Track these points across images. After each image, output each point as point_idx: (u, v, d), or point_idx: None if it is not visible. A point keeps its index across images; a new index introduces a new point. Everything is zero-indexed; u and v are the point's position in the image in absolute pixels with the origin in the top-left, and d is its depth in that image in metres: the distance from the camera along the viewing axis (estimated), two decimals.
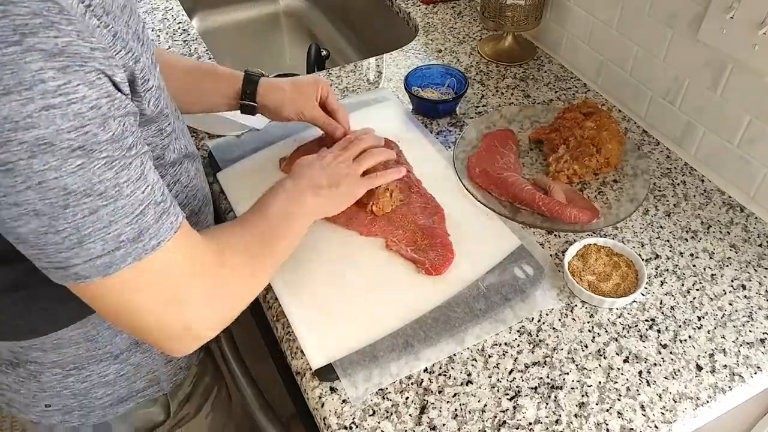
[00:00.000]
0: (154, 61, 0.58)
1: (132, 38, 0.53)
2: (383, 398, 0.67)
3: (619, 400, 0.67)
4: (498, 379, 0.68)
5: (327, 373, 0.68)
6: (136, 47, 0.53)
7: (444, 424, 0.65)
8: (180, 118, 0.71)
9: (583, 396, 0.67)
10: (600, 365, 0.70)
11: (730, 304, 0.76)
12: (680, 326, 0.74)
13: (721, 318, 0.75)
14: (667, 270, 0.80)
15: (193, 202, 0.71)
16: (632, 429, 0.65)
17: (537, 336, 0.73)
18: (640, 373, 0.69)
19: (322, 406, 0.66)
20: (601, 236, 0.83)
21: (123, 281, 0.50)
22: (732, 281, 0.79)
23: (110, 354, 0.68)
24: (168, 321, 0.54)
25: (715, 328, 0.74)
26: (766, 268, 0.81)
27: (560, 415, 0.65)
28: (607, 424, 0.65)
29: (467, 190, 0.88)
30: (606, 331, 0.73)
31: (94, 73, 0.44)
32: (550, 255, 0.81)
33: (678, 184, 0.92)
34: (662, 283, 0.79)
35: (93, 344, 0.66)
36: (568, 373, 0.69)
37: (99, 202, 0.46)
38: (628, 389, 0.68)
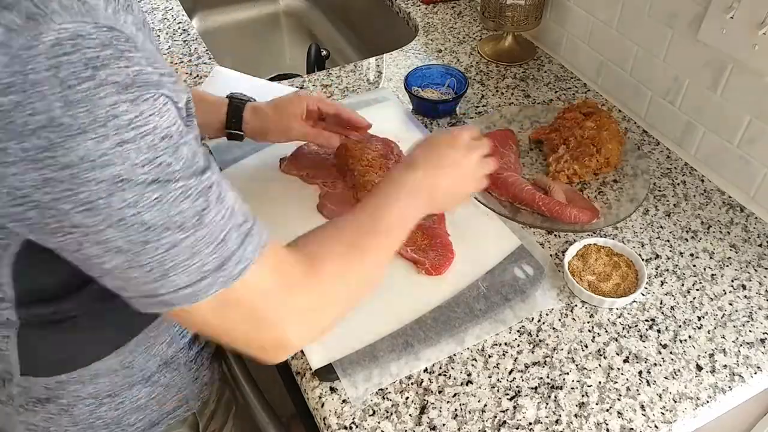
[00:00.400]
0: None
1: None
2: (383, 398, 0.67)
3: (619, 400, 0.67)
4: (498, 379, 0.68)
5: (327, 373, 0.68)
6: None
7: (444, 424, 0.65)
8: None
9: (583, 396, 0.67)
10: (600, 365, 0.70)
11: (730, 304, 0.76)
12: (680, 326, 0.74)
13: (721, 318, 0.75)
14: (667, 270, 0.80)
15: None
16: (632, 429, 0.65)
17: (537, 336, 0.73)
18: (640, 373, 0.69)
19: (322, 406, 0.66)
20: (601, 236, 0.83)
21: (211, 307, 0.49)
22: (732, 281, 0.79)
23: (142, 377, 0.67)
24: (259, 339, 0.53)
25: (715, 328, 0.74)
26: (766, 268, 0.81)
27: (560, 415, 0.65)
28: (607, 424, 0.65)
29: None
30: (606, 331, 0.73)
31: (161, 100, 0.43)
32: (550, 255, 0.81)
33: (678, 184, 0.92)
34: (662, 283, 0.79)
35: (129, 370, 0.66)
36: (568, 373, 0.69)
37: (179, 235, 0.45)
38: (628, 389, 0.68)
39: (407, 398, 0.67)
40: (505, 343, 0.72)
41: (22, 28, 0.37)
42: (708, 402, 0.67)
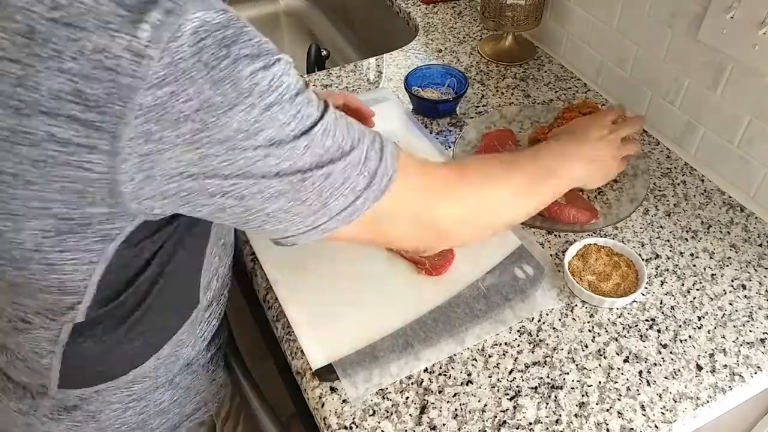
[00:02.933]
0: None
1: None
2: (383, 398, 0.67)
3: (619, 399, 0.67)
4: (498, 379, 0.68)
5: (327, 373, 0.68)
6: None
7: (444, 424, 0.65)
8: None
9: (583, 396, 0.67)
10: (600, 365, 0.70)
11: (731, 304, 0.76)
12: (680, 326, 0.74)
13: (721, 318, 0.75)
14: (667, 270, 0.80)
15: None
16: (632, 429, 0.65)
17: (537, 336, 0.73)
18: (640, 373, 0.69)
19: (322, 406, 0.66)
20: (601, 236, 0.83)
21: (368, 221, 0.53)
22: (732, 281, 0.79)
23: (166, 380, 0.68)
24: (423, 236, 0.59)
25: (715, 327, 0.74)
26: (766, 268, 0.81)
27: (560, 415, 0.66)
28: (607, 424, 0.65)
29: None
30: (606, 331, 0.73)
31: (284, 60, 0.46)
32: (550, 255, 0.81)
33: (678, 184, 0.92)
34: (662, 282, 0.79)
35: (156, 378, 0.66)
36: (568, 373, 0.69)
37: (331, 167, 0.49)
38: (628, 389, 0.68)
39: (407, 398, 0.67)
40: (505, 343, 0.72)
41: (164, 24, 0.39)
42: (708, 402, 0.67)
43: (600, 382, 0.68)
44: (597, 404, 0.66)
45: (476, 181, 0.63)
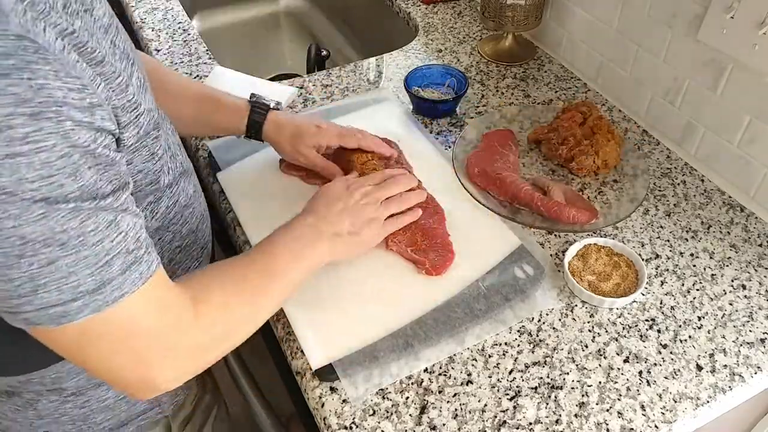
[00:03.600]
0: (145, 80, 0.56)
1: (120, 59, 0.51)
2: (383, 398, 0.67)
3: (619, 400, 0.67)
4: (498, 379, 0.68)
5: (327, 373, 0.68)
6: (126, 68, 0.51)
7: (444, 424, 0.65)
8: (174, 133, 0.69)
9: (583, 396, 0.67)
10: (600, 365, 0.70)
11: (731, 304, 0.76)
12: (680, 326, 0.74)
13: (721, 318, 0.75)
14: (667, 270, 0.80)
15: (191, 221, 0.71)
16: (632, 429, 0.65)
17: (537, 336, 0.73)
18: (640, 373, 0.69)
19: (322, 406, 0.66)
20: (601, 236, 0.83)
21: (79, 331, 0.46)
22: (732, 281, 0.79)
23: None
24: (125, 375, 0.51)
25: (715, 328, 0.74)
26: (766, 268, 0.81)
27: (560, 415, 0.65)
28: (607, 424, 0.65)
29: (467, 190, 0.88)
30: (606, 331, 0.73)
31: (68, 123, 0.42)
32: (550, 255, 0.81)
33: (678, 184, 0.92)
34: (662, 283, 0.79)
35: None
36: (568, 373, 0.69)
37: (59, 253, 0.43)
38: (628, 389, 0.68)
39: (407, 398, 0.67)
40: (506, 343, 0.72)
41: None
42: (708, 402, 0.67)
43: (600, 382, 0.68)
44: (597, 404, 0.66)
45: (210, 319, 0.55)
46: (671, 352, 0.71)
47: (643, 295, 0.77)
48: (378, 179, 0.78)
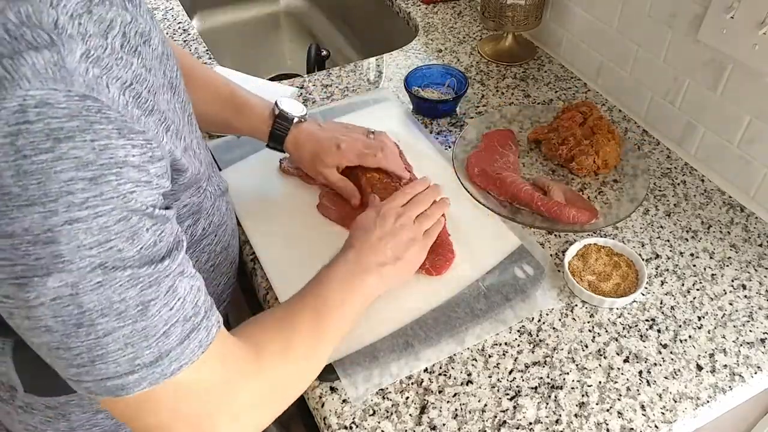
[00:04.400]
0: (190, 113, 0.55)
1: (173, 91, 0.50)
2: (383, 398, 0.67)
3: (619, 399, 0.67)
4: (498, 379, 0.68)
5: (327, 373, 0.68)
6: (171, 103, 0.50)
7: (444, 424, 0.65)
8: (207, 148, 0.68)
9: (583, 396, 0.67)
10: (600, 365, 0.70)
11: (731, 304, 0.76)
12: (680, 326, 0.74)
13: (722, 318, 0.75)
14: (668, 270, 0.80)
15: (223, 238, 0.70)
16: (632, 429, 0.65)
17: (537, 336, 0.73)
18: (641, 373, 0.69)
19: (322, 406, 0.66)
20: (601, 236, 0.83)
21: (137, 402, 0.45)
22: (732, 281, 0.79)
23: None
24: None
25: (715, 327, 0.74)
26: (766, 268, 0.81)
27: (560, 415, 0.65)
28: (607, 424, 0.65)
29: (467, 190, 0.88)
30: (606, 331, 0.73)
31: (128, 185, 0.41)
32: (550, 255, 0.82)
33: (678, 184, 0.92)
34: (662, 282, 0.79)
35: None
36: (568, 373, 0.69)
37: (116, 323, 0.42)
38: (628, 389, 0.68)
39: (407, 398, 0.67)
40: (506, 343, 0.72)
41: None
42: (708, 402, 0.67)
43: (600, 382, 0.68)
44: (597, 404, 0.66)
45: (272, 368, 0.54)
46: (671, 352, 0.71)
47: (643, 295, 0.77)
48: (406, 197, 0.76)
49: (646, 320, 0.75)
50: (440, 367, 0.69)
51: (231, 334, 0.53)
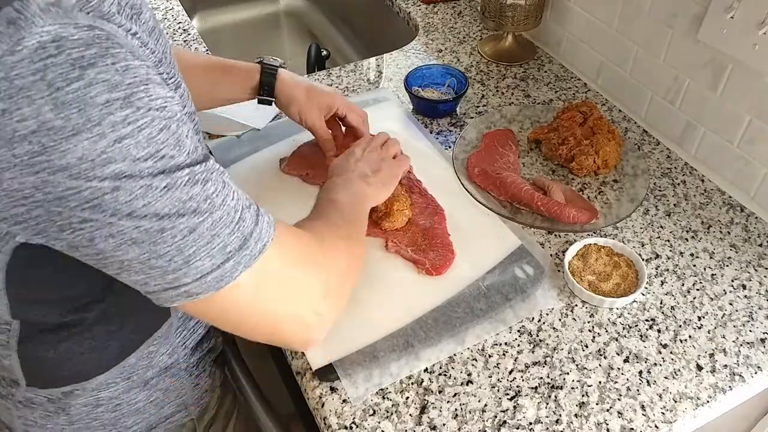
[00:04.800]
0: (181, 79, 0.57)
1: (167, 64, 0.52)
2: (383, 398, 0.67)
3: (619, 399, 0.67)
4: (498, 379, 0.68)
5: (327, 373, 0.68)
6: (170, 72, 0.52)
7: (444, 424, 0.65)
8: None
9: (583, 396, 0.67)
10: (600, 365, 0.70)
11: (731, 304, 0.76)
12: (680, 326, 0.74)
13: (722, 318, 0.75)
14: (668, 270, 0.80)
15: None
16: (632, 429, 0.65)
17: (537, 336, 0.73)
18: (641, 372, 0.69)
19: (323, 406, 0.66)
20: (601, 236, 0.83)
21: (239, 290, 0.49)
22: (732, 281, 0.79)
23: (141, 381, 0.67)
24: (297, 313, 0.54)
25: (715, 327, 0.74)
26: (766, 268, 0.81)
27: (560, 415, 0.66)
28: (607, 424, 0.65)
29: (466, 190, 0.88)
30: (606, 331, 0.73)
31: (159, 100, 0.43)
32: (551, 255, 0.81)
33: (678, 184, 0.92)
34: (662, 282, 0.79)
35: (128, 382, 0.66)
36: (568, 373, 0.69)
37: (195, 219, 0.45)
38: (628, 389, 0.68)
39: (407, 398, 0.67)
40: (506, 343, 0.72)
41: (3, 34, 0.37)
42: (708, 402, 0.67)
43: (600, 382, 0.68)
44: (597, 404, 0.66)
45: (333, 252, 0.60)
46: (671, 352, 0.71)
47: (643, 295, 0.77)
48: (370, 142, 0.83)
49: (646, 320, 0.75)
50: (440, 367, 0.69)
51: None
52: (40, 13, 0.38)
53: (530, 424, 0.65)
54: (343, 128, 0.92)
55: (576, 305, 0.76)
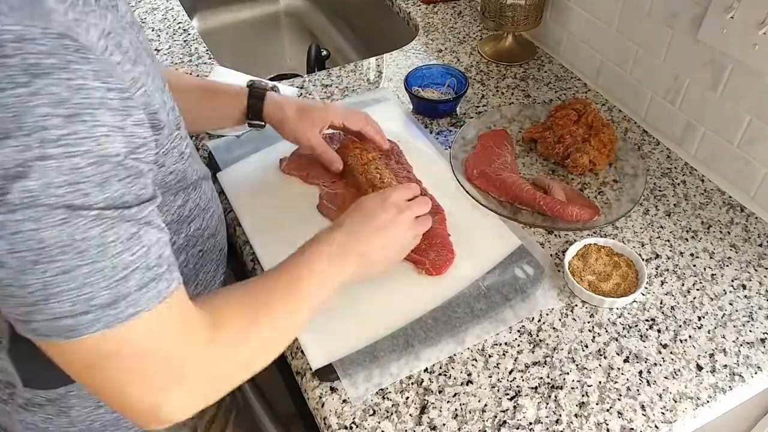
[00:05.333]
0: (163, 79, 0.56)
1: (148, 56, 0.51)
2: (383, 398, 0.67)
3: (619, 399, 0.67)
4: (498, 379, 0.68)
5: (327, 373, 0.68)
6: (151, 65, 0.51)
7: (444, 424, 0.65)
8: (188, 137, 0.69)
9: (583, 396, 0.67)
10: (600, 365, 0.70)
11: (731, 304, 0.76)
12: (680, 326, 0.74)
13: (722, 318, 0.75)
14: (668, 270, 0.80)
15: (210, 224, 0.71)
16: (632, 429, 0.65)
17: (537, 336, 0.73)
18: (641, 373, 0.69)
19: (323, 406, 0.66)
20: (601, 236, 0.83)
21: (88, 348, 0.44)
22: (732, 281, 0.79)
23: None
24: (134, 400, 0.47)
25: (715, 327, 0.74)
26: (766, 268, 0.81)
27: (560, 415, 0.66)
28: (607, 424, 0.65)
29: (466, 190, 0.88)
30: (606, 331, 0.73)
31: (103, 128, 0.41)
32: (551, 255, 0.81)
33: (678, 184, 0.92)
34: (662, 282, 0.79)
35: None
36: (568, 373, 0.69)
37: (76, 261, 0.41)
38: (628, 389, 0.68)
39: (407, 398, 0.67)
40: (506, 343, 0.72)
41: None
42: (708, 402, 0.67)
43: (600, 382, 0.68)
44: (597, 404, 0.66)
45: (229, 345, 0.53)
46: (671, 352, 0.71)
47: (643, 295, 0.77)
48: (411, 193, 0.75)
49: (646, 320, 0.75)
50: (440, 367, 0.69)
51: (194, 304, 0.52)
52: (6, 11, 0.37)
53: (530, 424, 0.65)
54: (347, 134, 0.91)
55: (576, 305, 0.76)
